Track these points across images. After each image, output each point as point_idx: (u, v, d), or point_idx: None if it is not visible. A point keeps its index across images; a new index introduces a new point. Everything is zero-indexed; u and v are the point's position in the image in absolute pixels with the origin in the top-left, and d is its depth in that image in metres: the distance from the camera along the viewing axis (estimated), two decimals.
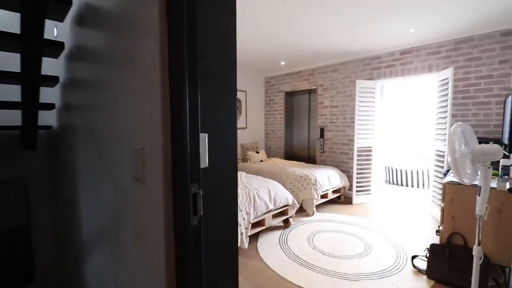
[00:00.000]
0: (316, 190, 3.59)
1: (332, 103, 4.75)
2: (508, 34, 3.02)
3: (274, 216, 3.03)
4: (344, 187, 4.25)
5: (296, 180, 3.76)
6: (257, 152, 4.91)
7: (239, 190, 2.79)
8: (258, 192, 2.87)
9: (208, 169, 0.85)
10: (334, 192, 4.09)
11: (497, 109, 3.14)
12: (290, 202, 3.17)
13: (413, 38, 3.50)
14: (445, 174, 2.97)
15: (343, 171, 4.50)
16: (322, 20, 2.85)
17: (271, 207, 2.91)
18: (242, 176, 3.43)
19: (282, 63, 4.78)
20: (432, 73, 3.67)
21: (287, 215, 3.17)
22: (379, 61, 4.15)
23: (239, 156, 4.97)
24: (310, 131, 5.24)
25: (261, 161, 4.92)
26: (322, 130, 4.90)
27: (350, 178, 4.32)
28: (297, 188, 3.69)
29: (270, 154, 5.85)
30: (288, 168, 4.08)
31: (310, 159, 5.18)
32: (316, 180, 3.66)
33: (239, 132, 5.29)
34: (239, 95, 5.27)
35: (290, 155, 5.53)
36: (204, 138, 0.83)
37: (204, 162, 0.84)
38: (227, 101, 0.95)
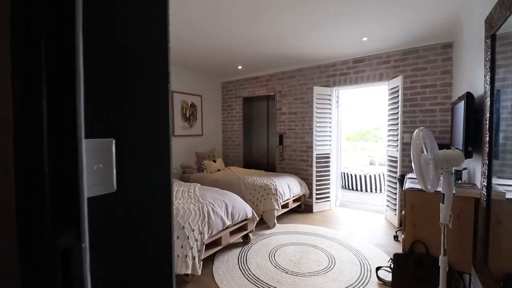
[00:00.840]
0: (277, 200, 3.39)
1: (290, 109, 4.67)
2: (448, 47, 3.26)
3: (232, 232, 2.72)
4: (304, 195, 4.14)
5: (255, 190, 3.51)
6: (214, 161, 4.57)
7: (191, 206, 2.43)
8: (213, 207, 2.53)
9: (118, 195, 0.54)
10: (294, 201, 3.95)
11: (441, 116, 3.34)
12: (250, 215, 2.90)
13: (365, 47, 3.59)
14: (400, 180, 3.01)
15: (303, 179, 4.41)
16: (277, 19, 2.70)
17: (228, 223, 2.59)
18: (196, 189, 3.06)
19: (239, 67, 4.57)
20: (383, 82, 3.81)
21: (246, 230, 2.89)
22: (334, 69, 4.21)
23: (193, 166, 4.56)
24: (269, 138, 5.09)
25: (219, 170, 4.58)
26: (281, 137, 4.78)
27: (309, 185, 4.24)
28: (257, 199, 3.44)
29: (228, 162, 5.54)
30: (247, 178, 3.82)
31: (270, 167, 5.01)
32: (276, 190, 3.46)
33: (194, 139, 4.89)
34: (194, 100, 4.89)
35: (249, 163, 5.29)
36: (107, 145, 0.52)
37: (108, 185, 0.53)
38: (154, 92, 0.65)
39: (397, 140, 3.42)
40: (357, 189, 5.64)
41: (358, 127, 12.93)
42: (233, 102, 5.44)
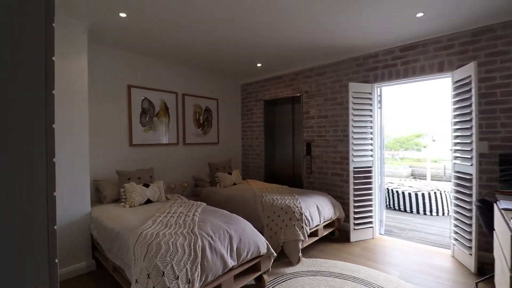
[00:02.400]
0: (302, 227, 2.61)
1: (320, 112, 3.89)
2: None
3: (239, 275, 2.02)
4: (338, 219, 3.30)
5: (275, 213, 2.78)
6: (230, 173, 3.93)
7: (180, 240, 1.78)
8: (211, 240, 1.86)
9: None
10: (326, 226, 3.13)
11: None
12: (264, 251, 2.17)
13: (418, 29, 2.73)
14: (480, 208, 2.08)
15: (337, 197, 3.57)
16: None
17: (231, 264, 1.90)
18: (198, 211, 2.42)
19: (259, 64, 3.94)
20: (444, 73, 2.89)
21: (259, 270, 2.16)
22: (376, 60, 3.37)
23: (206, 178, 3.96)
24: (295, 146, 4.34)
25: (234, 184, 3.93)
26: (308, 146, 4.00)
27: (345, 206, 3.39)
28: (277, 224, 2.70)
29: (248, 174, 4.87)
30: (265, 196, 3.10)
31: (296, 181, 4.24)
32: (302, 214, 2.69)
33: (208, 148, 4.32)
34: (209, 104, 4.35)
35: (271, 176, 4.57)
36: None
37: None
38: None
39: (471, 150, 2.47)
40: (404, 210, 4.59)
41: (396, 133, 11.48)
42: (253, 106, 4.80)
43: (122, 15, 2.37)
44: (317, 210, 2.94)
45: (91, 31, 2.64)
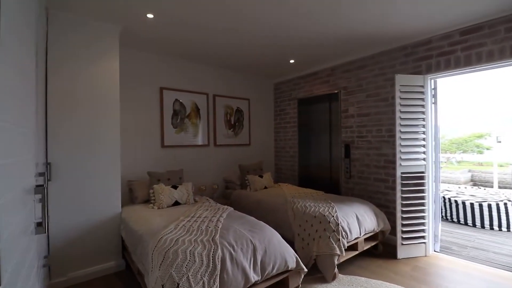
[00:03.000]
0: (339, 240, 2.31)
1: (360, 110, 3.50)
2: None
3: None
4: (383, 232, 2.88)
5: (307, 222, 2.51)
6: (261, 176, 3.75)
7: (199, 248, 1.64)
8: (232, 251, 1.69)
9: None
10: (368, 239, 2.75)
11: None
12: (293, 265, 1.93)
13: (481, 8, 2.23)
14: None
15: (380, 206, 3.15)
16: None
17: (255, 278, 1.70)
18: (222, 216, 2.28)
19: (291, 61, 3.70)
20: None
21: (287, 287, 1.93)
22: (428, 48, 2.89)
23: (236, 181, 3.84)
24: (333, 148, 3.99)
25: (265, 188, 3.73)
26: (347, 147, 3.63)
27: (391, 216, 2.96)
28: (309, 234, 2.43)
29: (281, 177, 4.64)
30: (298, 202, 2.85)
31: (333, 186, 3.88)
32: (338, 224, 2.38)
33: (239, 150, 4.20)
34: (240, 104, 4.23)
35: (306, 180, 4.28)
36: None
37: None
38: None
39: None
40: (465, 223, 3.90)
41: (452, 133, 10.09)
42: (287, 106, 4.56)
43: (150, 16, 2.35)
44: (357, 220, 2.59)
45: (123, 35, 2.70)
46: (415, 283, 2.24)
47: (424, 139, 2.82)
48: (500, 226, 3.61)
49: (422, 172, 2.80)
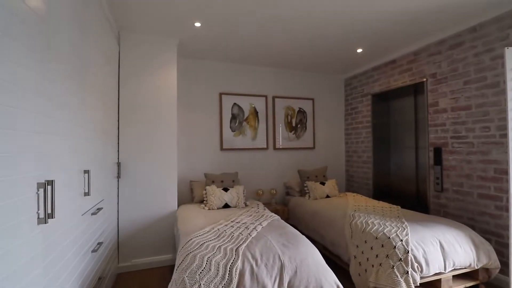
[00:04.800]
0: (407, 273, 1.75)
1: (456, 102, 2.65)
2: None
3: None
4: (487, 270, 2.05)
5: (366, 243, 2.04)
6: (323, 183, 3.36)
7: (218, 256, 1.54)
8: (254, 265, 1.51)
9: None
10: (458, 276, 2.01)
11: None
12: None
13: None
14: None
15: (486, 233, 2.27)
16: None
17: None
18: (262, 224, 2.12)
19: (359, 50, 3.18)
20: None
21: None
22: None
23: (296, 187, 3.57)
24: (419, 152, 3.20)
25: (328, 196, 3.31)
26: (437, 152, 2.81)
27: (501, 247, 2.08)
28: (367, 259, 1.96)
29: (352, 186, 4.05)
30: (359, 217, 2.37)
31: (419, 200, 3.09)
32: (407, 251, 1.82)
33: (302, 153, 3.92)
34: (303, 104, 3.95)
35: (383, 191, 3.58)
36: None
37: None
38: None
39: None
40: None
41: None
42: (359, 103, 3.97)
43: (197, 24, 2.46)
44: (440, 249, 1.92)
45: (181, 47, 2.94)
46: None
47: None
48: None
49: None
